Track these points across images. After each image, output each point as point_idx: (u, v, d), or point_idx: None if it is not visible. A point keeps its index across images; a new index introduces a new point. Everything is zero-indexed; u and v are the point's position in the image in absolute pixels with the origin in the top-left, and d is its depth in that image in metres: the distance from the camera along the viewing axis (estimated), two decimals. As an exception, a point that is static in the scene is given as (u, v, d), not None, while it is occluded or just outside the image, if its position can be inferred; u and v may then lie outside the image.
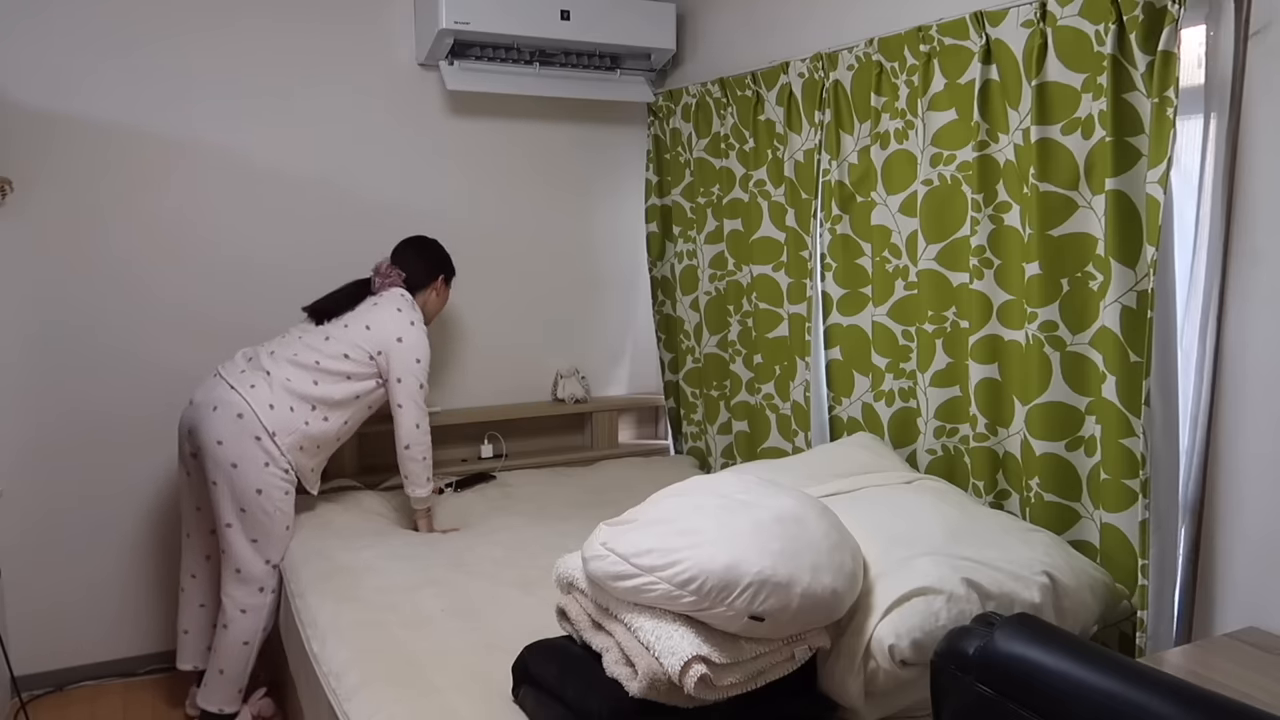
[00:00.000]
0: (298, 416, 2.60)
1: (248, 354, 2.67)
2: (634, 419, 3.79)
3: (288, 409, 2.59)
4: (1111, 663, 1.27)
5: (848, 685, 1.65)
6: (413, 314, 2.74)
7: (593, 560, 1.64)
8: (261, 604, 2.59)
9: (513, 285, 3.48)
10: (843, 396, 2.67)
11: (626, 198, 3.61)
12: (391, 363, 2.68)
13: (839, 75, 2.53)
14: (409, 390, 2.70)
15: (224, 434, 2.52)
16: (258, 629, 2.60)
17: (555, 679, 1.67)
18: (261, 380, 2.59)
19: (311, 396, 2.62)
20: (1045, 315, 2.02)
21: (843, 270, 2.62)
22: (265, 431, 2.54)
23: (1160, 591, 1.89)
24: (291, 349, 2.65)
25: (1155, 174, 1.77)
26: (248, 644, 2.60)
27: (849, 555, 1.66)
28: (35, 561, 2.92)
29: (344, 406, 2.68)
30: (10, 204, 2.77)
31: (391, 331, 2.69)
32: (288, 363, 2.63)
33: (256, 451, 2.54)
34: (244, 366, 2.62)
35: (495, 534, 2.67)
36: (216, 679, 2.61)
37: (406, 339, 2.69)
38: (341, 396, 2.66)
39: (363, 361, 2.67)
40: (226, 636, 2.59)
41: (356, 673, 1.91)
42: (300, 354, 2.64)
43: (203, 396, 2.59)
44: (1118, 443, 1.90)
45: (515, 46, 3.18)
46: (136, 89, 2.88)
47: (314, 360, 2.64)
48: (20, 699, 2.73)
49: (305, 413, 2.61)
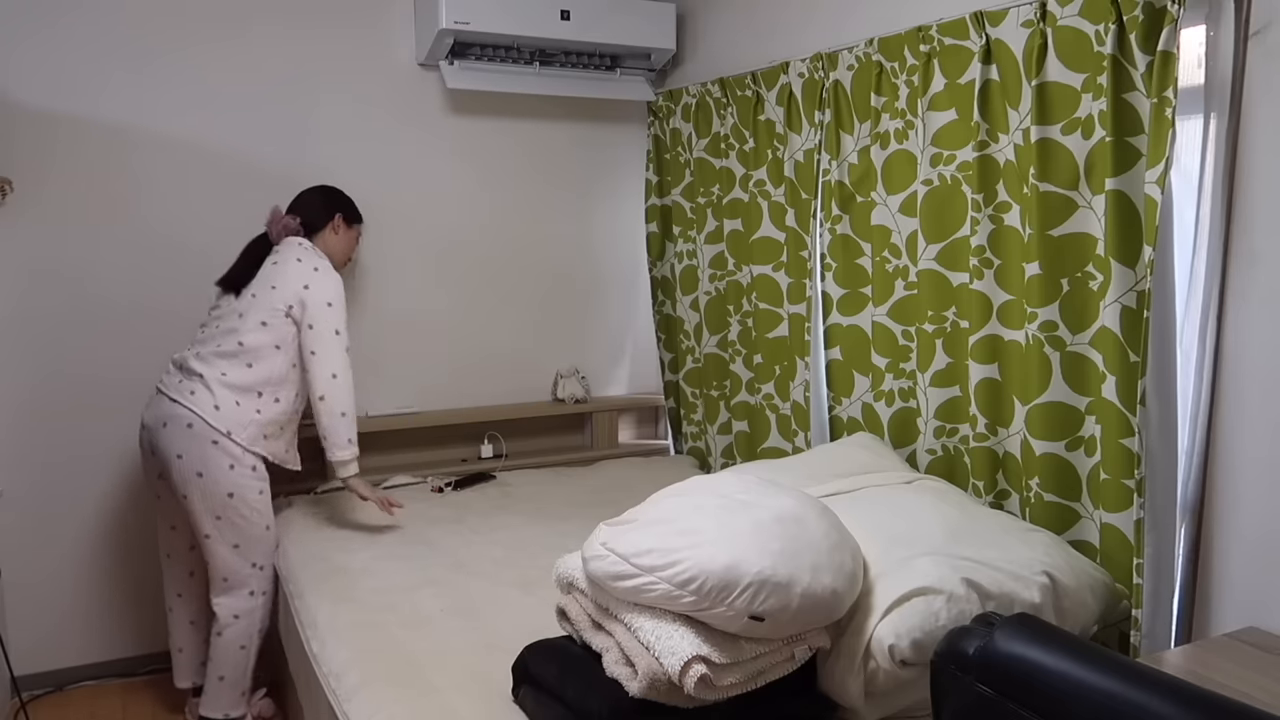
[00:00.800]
0: (246, 410, 2.51)
1: (176, 360, 2.58)
2: (634, 419, 3.79)
3: (233, 404, 2.50)
4: (1111, 663, 1.27)
5: (848, 685, 1.65)
6: (316, 259, 2.62)
7: (593, 560, 1.64)
8: (253, 607, 2.57)
9: (513, 285, 3.48)
10: (843, 396, 2.67)
11: (626, 198, 3.61)
12: (304, 312, 2.55)
13: (839, 75, 2.53)
14: (321, 336, 2.54)
15: (181, 447, 2.46)
16: (253, 633, 2.59)
17: (555, 679, 1.67)
18: (198, 385, 2.50)
19: (253, 384, 2.52)
20: (1045, 315, 2.02)
21: (843, 270, 2.62)
22: (220, 434, 2.47)
23: (1159, 591, 1.88)
24: (214, 342, 2.55)
25: (1153, 174, 1.77)
26: (244, 648, 2.59)
27: (849, 555, 1.66)
28: (35, 561, 2.92)
29: (289, 380, 2.58)
30: (10, 204, 2.77)
31: (296, 281, 2.56)
32: (215, 357, 2.52)
33: (218, 455, 2.47)
34: (178, 375, 2.54)
35: (495, 534, 2.67)
36: (217, 686, 2.59)
37: (313, 284, 2.56)
38: (281, 371, 2.55)
39: (281, 324, 2.54)
40: (221, 643, 2.57)
41: (356, 673, 1.91)
42: (223, 343, 2.53)
43: (151, 415, 2.53)
44: (1118, 443, 1.90)
45: (515, 46, 3.18)
46: (138, 90, 2.88)
47: (237, 343, 2.53)
48: (20, 699, 2.73)
49: (253, 402, 2.52)
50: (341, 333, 2.58)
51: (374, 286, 3.25)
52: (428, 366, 3.37)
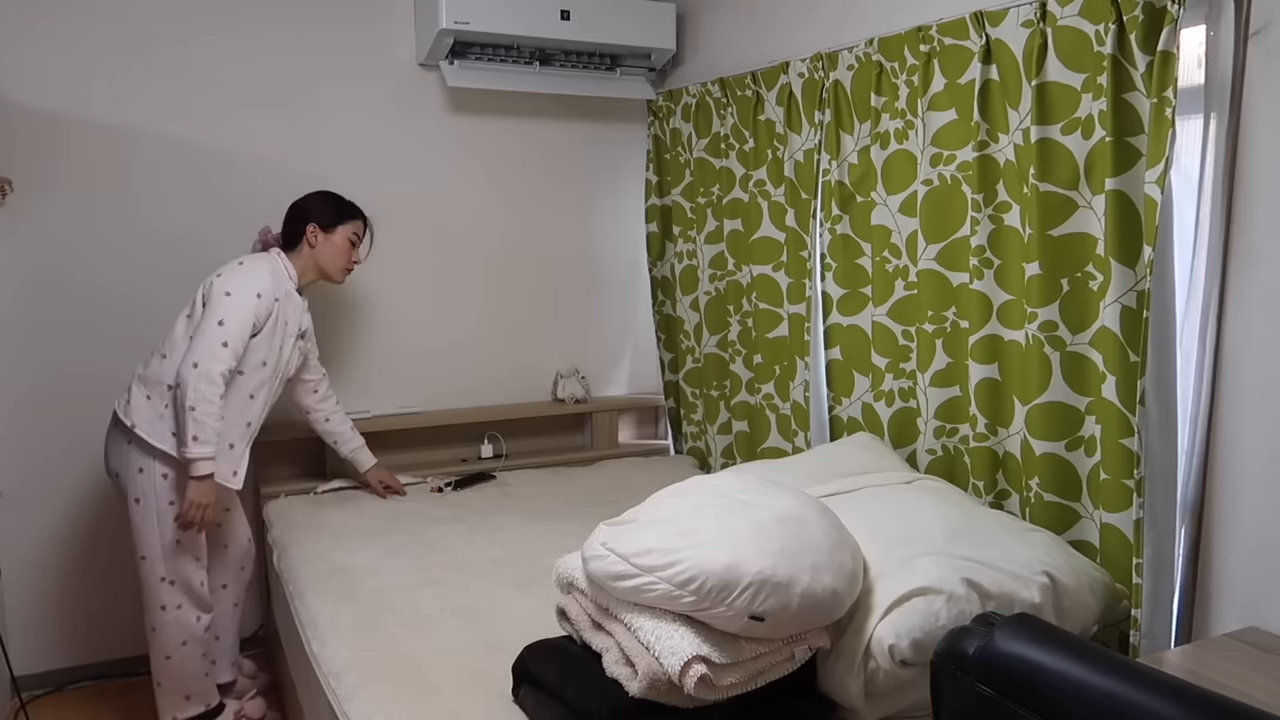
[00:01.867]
0: (154, 405, 2.42)
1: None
2: (634, 419, 3.79)
3: (144, 398, 2.43)
4: (1112, 663, 1.27)
5: (848, 685, 1.65)
6: (254, 261, 2.49)
7: (593, 560, 1.64)
8: (167, 621, 2.50)
9: (513, 285, 3.48)
10: (843, 396, 2.67)
11: (626, 197, 3.62)
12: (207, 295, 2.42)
13: (839, 75, 2.53)
14: (204, 324, 2.36)
15: (108, 448, 2.46)
16: (177, 643, 2.52)
17: (555, 679, 1.67)
18: (129, 386, 2.49)
19: (161, 377, 2.42)
20: (1045, 315, 2.02)
21: (843, 270, 2.62)
22: (128, 429, 2.41)
23: (1159, 591, 1.88)
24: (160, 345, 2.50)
25: (1153, 174, 1.77)
26: (170, 659, 2.53)
27: (849, 555, 1.66)
28: (35, 561, 2.92)
29: None
30: (10, 204, 2.77)
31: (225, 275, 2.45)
32: (151, 355, 2.50)
33: (129, 455, 2.42)
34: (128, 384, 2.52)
35: (495, 534, 2.67)
36: (157, 690, 2.57)
37: (225, 273, 2.44)
38: None
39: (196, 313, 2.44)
40: (151, 651, 2.55)
41: (356, 673, 1.91)
42: (161, 344, 2.49)
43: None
44: (1118, 443, 1.90)
45: (515, 46, 3.18)
46: (138, 90, 2.88)
47: (164, 337, 2.48)
48: (20, 699, 2.73)
49: (162, 396, 2.42)
50: (227, 325, 2.36)
51: (374, 286, 3.25)
52: (428, 366, 3.37)
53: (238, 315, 2.38)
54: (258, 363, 2.48)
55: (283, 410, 2.90)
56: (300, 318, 2.63)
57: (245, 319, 2.40)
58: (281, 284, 2.54)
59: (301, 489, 3.04)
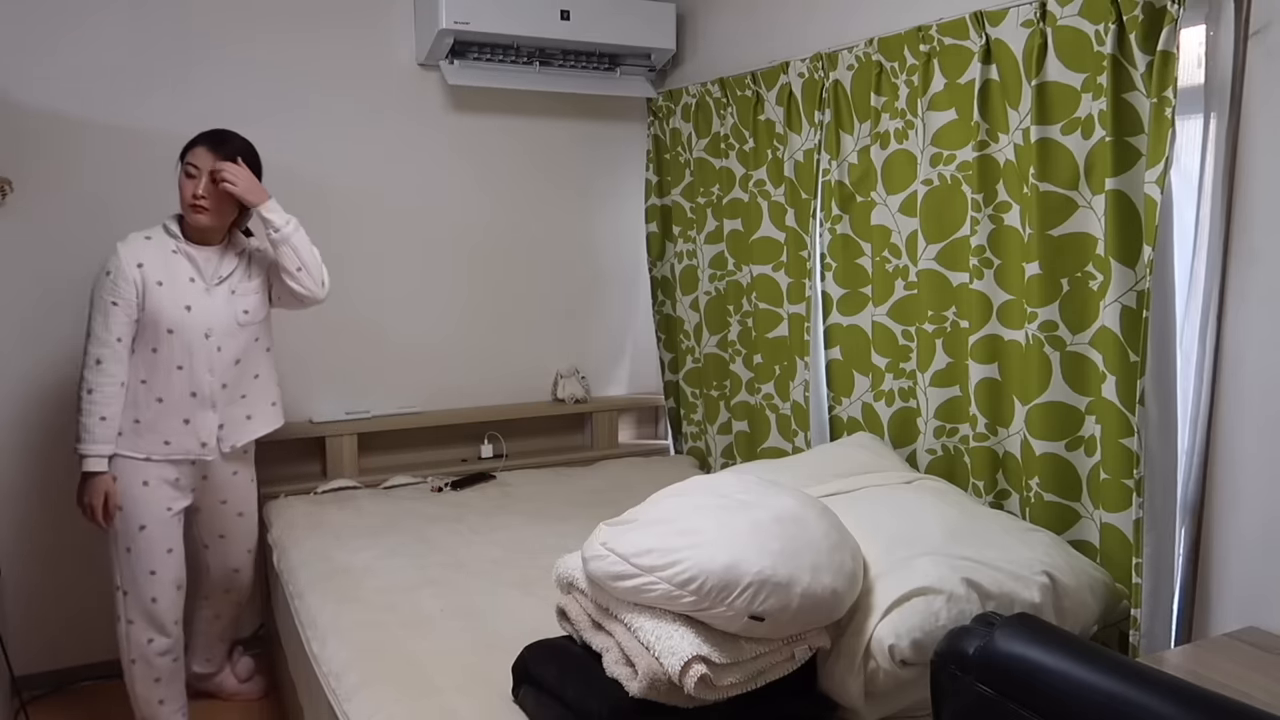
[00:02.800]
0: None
1: None
2: (634, 419, 3.79)
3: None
4: (1112, 663, 1.27)
5: (848, 685, 1.65)
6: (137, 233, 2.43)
7: (593, 560, 1.64)
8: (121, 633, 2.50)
9: (513, 285, 3.48)
10: (843, 396, 2.67)
11: (626, 197, 3.61)
12: None
13: (839, 75, 2.53)
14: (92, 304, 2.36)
15: None
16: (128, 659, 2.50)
17: (555, 679, 1.67)
18: None
19: None
20: (1045, 315, 2.02)
21: (842, 270, 2.62)
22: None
23: (1159, 591, 1.88)
24: None
25: (1153, 174, 1.77)
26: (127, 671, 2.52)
27: (849, 555, 1.66)
28: (35, 561, 2.92)
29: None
30: (10, 204, 2.77)
31: None
32: None
33: None
34: None
35: (495, 534, 2.67)
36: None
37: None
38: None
39: None
40: None
41: (356, 673, 1.91)
42: None
43: None
44: (1118, 443, 1.90)
45: (515, 47, 3.18)
46: (137, 89, 2.88)
47: None
48: (20, 699, 2.72)
49: None
50: (98, 304, 2.33)
51: (374, 286, 3.25)
52: (428, 366, 3.37)
53: (96, 302, 2.36)
54: (162, 331, 2.38)
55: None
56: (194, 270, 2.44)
57: (102, 302, 2.35)
58: (145, 250, 2.40)
59: (301, 489, 3.04)
